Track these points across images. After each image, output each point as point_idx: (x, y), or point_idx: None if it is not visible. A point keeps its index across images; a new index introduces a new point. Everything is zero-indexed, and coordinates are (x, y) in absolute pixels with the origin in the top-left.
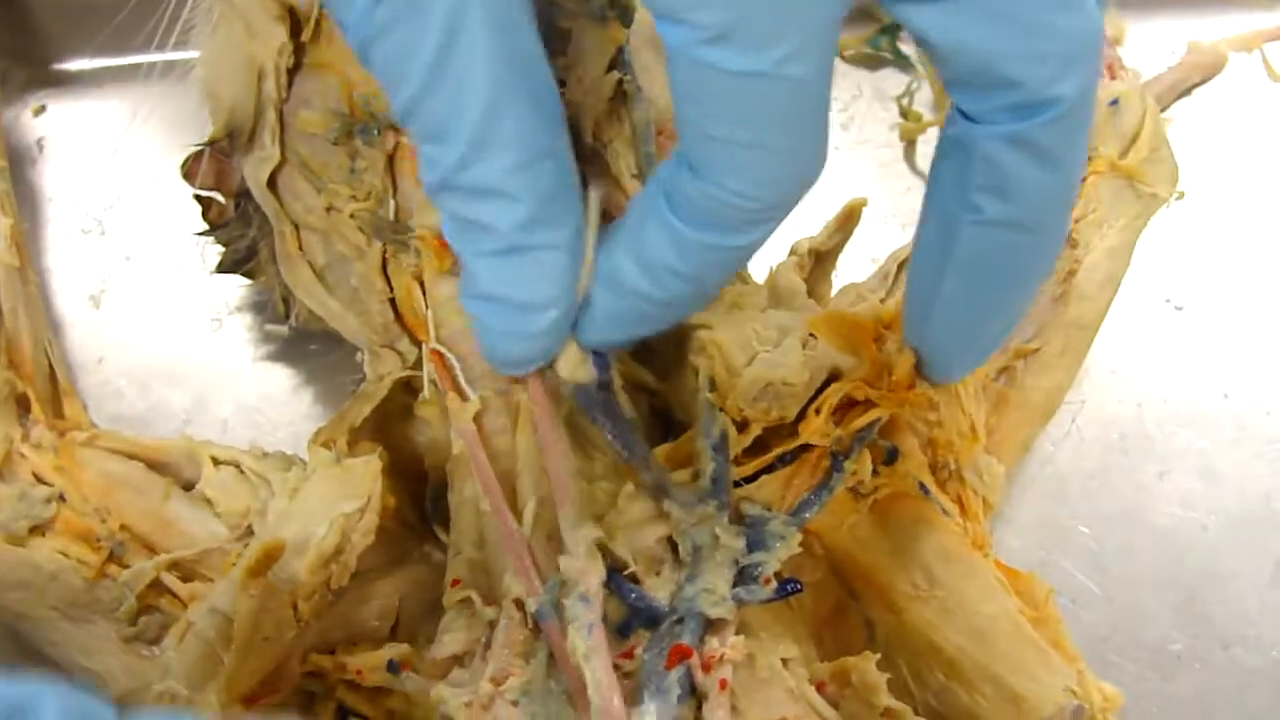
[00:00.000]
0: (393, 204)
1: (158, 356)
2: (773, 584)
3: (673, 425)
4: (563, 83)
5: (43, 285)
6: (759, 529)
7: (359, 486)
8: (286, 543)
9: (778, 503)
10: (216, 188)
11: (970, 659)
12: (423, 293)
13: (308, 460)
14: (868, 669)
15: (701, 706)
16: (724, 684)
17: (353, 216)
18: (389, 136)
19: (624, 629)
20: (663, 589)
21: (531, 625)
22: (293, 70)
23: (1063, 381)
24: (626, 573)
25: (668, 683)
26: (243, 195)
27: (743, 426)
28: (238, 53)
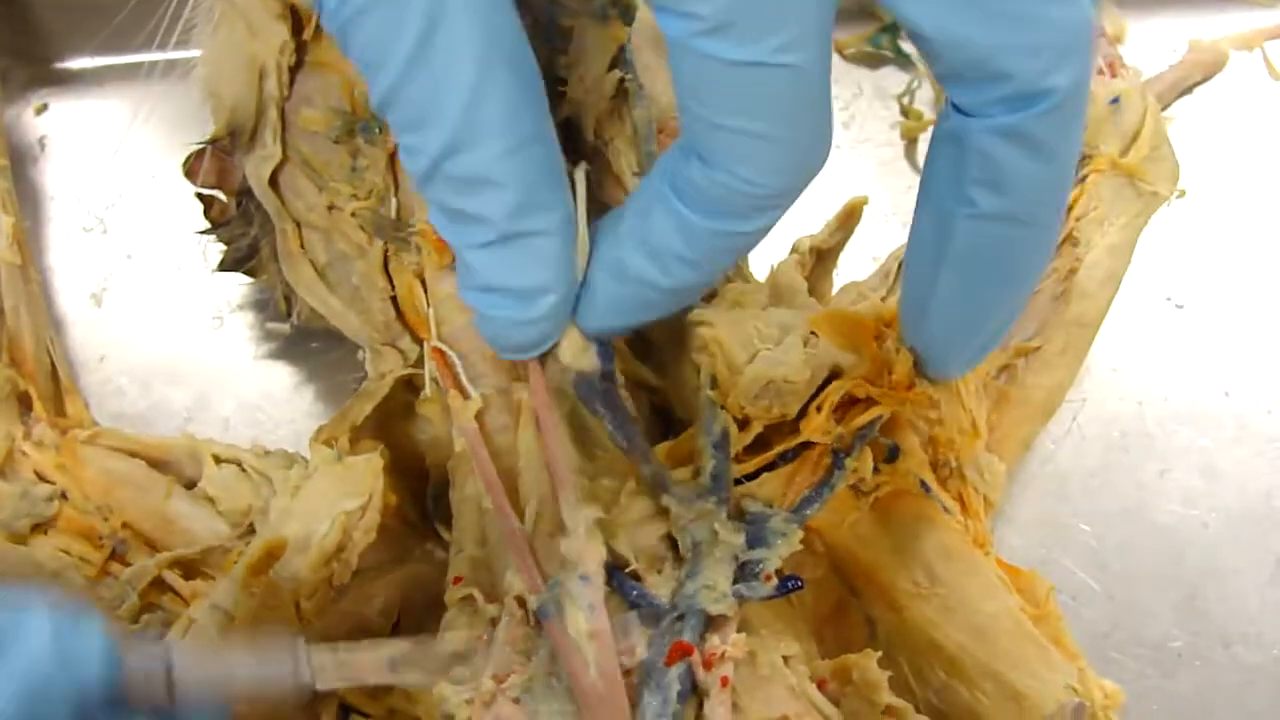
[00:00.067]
0: (394, 202)
1: (159, 355)
2: (773, 581)
3: (673, 423)
4: (564, 81)
5: (44, 283)
6: (760, 526)
7: (360, 484)
8: (288, 540)
9: (779, 500)
10: (218, 186)
11: (971, 656)
12: (424, 290)
13: (309, 458)
14: (869, 666)
15: (703, 704)
16: (725, 681)
17: (354, 215)
18: (390, 134)
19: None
20: (664, 586)
21: (533, 623)
22: (294, 68)
23: (1064, 379)
24: (628, 570)
25: (667, 679)
26: (244, 193)
27: (744, 424)
28: (239, 51)
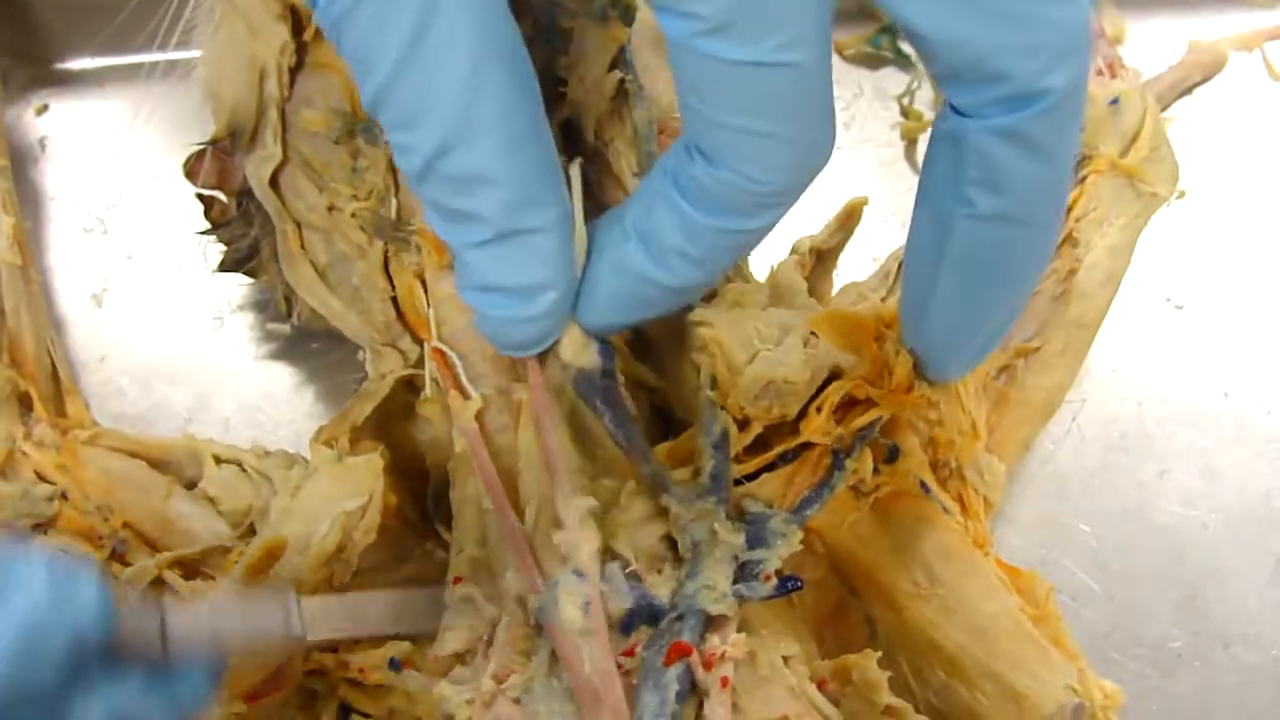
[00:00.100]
0: (394, 203)
1: (160, 355)
2: (773, 581)
3: (673, 423)
4: (564, 82)
5: (45, 284)
6: (760, 526)
7: (361, 485)
8: (288, 541)
9: (779, 500)
10: (219, 187)
11: (971, 657)
12: (424, 291)
13: (309, 458)
14: (869, 667)
15: (703, 704)
16: (725, 681)
17: (354, 215)
18: None
19: (626, 626)
20: (664, 586)
21: (533, 623)
22: (295, 69)
23: (1063, 380)
24: (629, 570)
25: (665, 679)
26: (245, 194)
27: (744, 424)
28: (240, 52)
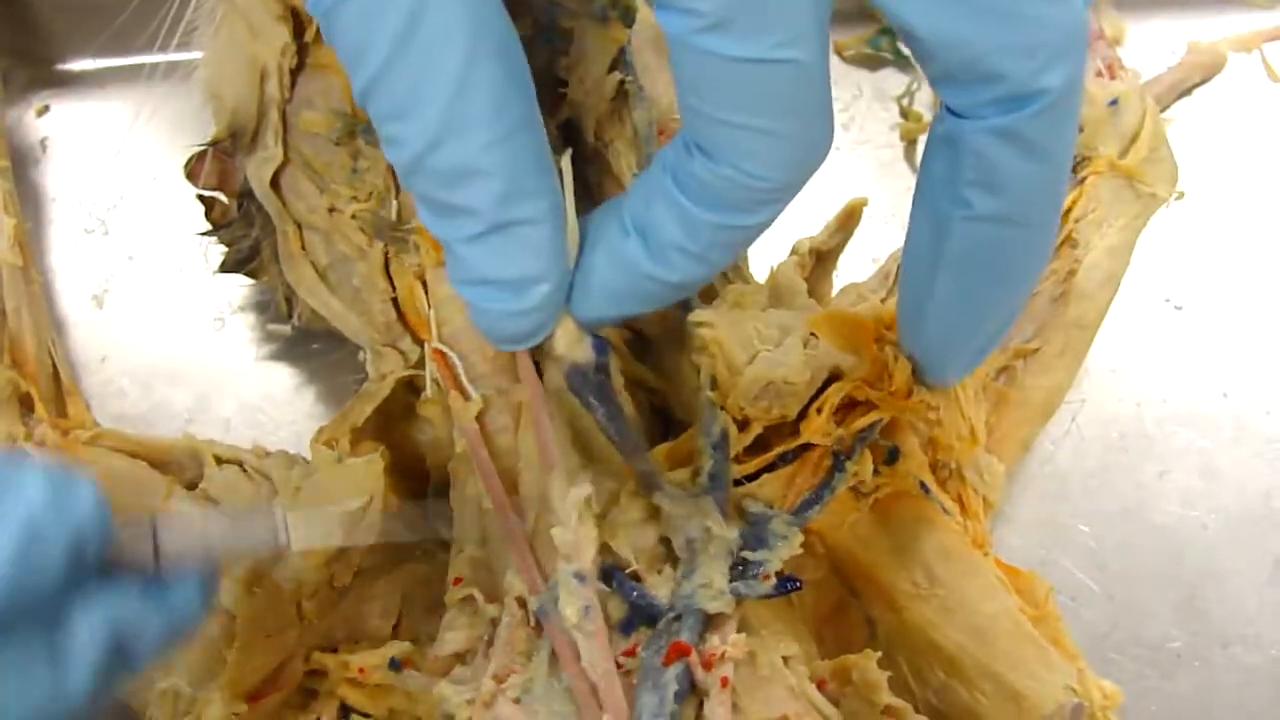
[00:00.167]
0: (394, 204)
1: (160, 356)
2: (772, 580)
3: (673, 424)
4: (564, 83)
5: (46, 285)
6: (761, 527)
7: (361, 485)
8: None
9: (779, 501)
10: (219, 188)
11: (971, 657)
12: (425, 291)
13: (310, 459)
14: (868, 667)
15: (703, 704)
16: (725, 682)
17: (354, 217)
18: None
19: (626, 627)
20: (664, 587)
21: (533, 623)
22: (295, 70)
23: (1063, 381)
24: (628, 571)
25: (664, 679)
26: (245, 195)
27: (744, 425)
28: (240, 53)
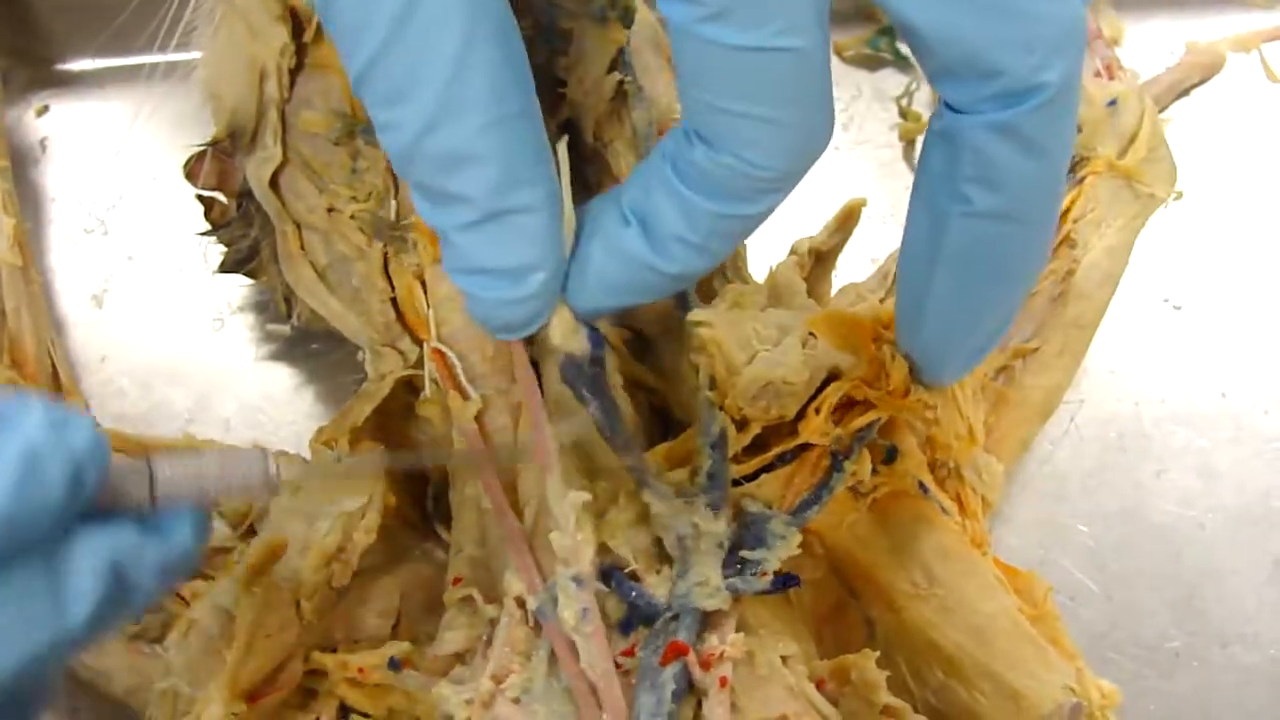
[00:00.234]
0: (394, 204)
1: (160, 356)
2: (769, 576)
3: (672, 424)
4: (564, 83)
5: (46, 285)
6: (760, 527)
7: (361, 485)
8: (289, 541)
9: (778, 501)
10: (219, 188)
11: (969, 656)
12: (424, 291)
13: (310, 459)
14: (867, 666)
15: (701, 704)
16: (724, 681)
17: (353, 217)
18: None
19: (625, 627)
20: (663, 587)
21: (532, 623)
22: (294, 70)
23: (1061, 381)
24: (627, 571)
25: (662, 679)
26: (245, 195)
27: (742, 425)
28: (240, 53)
